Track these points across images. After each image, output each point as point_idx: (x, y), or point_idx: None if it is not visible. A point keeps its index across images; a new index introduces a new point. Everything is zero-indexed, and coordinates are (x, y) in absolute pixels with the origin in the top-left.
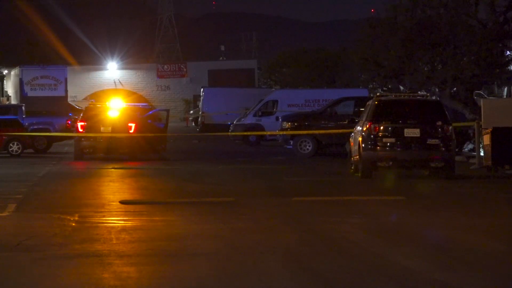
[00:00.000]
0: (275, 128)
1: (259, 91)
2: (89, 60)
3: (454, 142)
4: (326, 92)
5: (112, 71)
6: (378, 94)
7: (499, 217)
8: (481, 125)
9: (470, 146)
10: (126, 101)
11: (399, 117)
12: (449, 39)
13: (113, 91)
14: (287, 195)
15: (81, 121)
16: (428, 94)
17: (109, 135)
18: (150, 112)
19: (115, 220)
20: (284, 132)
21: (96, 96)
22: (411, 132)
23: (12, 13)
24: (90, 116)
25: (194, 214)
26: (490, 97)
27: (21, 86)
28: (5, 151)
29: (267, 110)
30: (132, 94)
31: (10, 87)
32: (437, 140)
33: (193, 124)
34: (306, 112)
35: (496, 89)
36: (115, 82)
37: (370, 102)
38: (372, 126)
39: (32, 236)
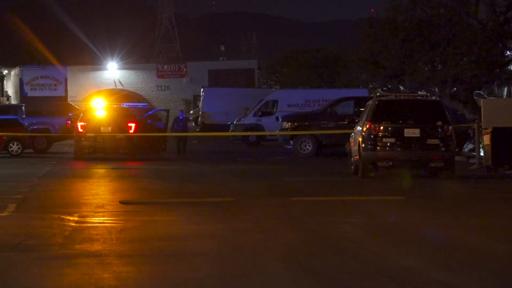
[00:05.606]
0: (275, 128)
1: (259, 91)
2: (89, 60)
3: (454, 142)
4: (326, 92)
5: (112, 71)
6: (378, 94)
7: (499, 217)
8: (481, 125)
9: (470, 146)
10: (125, 102)
11: (399, 117)
12: (449, 39)
13: (113, 91)
14: (287, 195)
15: (81, 121)
16: (428, 94)
17: (109, 135)
18: (150, 112)
19: (115, 220)
20: (284, 132)
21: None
22: (411, 132)
23: (12, 13)
24: (90, 116)
25: (194, 214)
26: (490, 97)
27: (21, 86)
28: (5, 151)
29: (267, 110)
30: (128, 94)
31: (10, 87)
32: (437, 140)
33: (193, 124)
34: (306, 112)
35: (496, 89)
36: (115, 82)
37: (370, 102)
38: (372, 126)
39: (32, 236)
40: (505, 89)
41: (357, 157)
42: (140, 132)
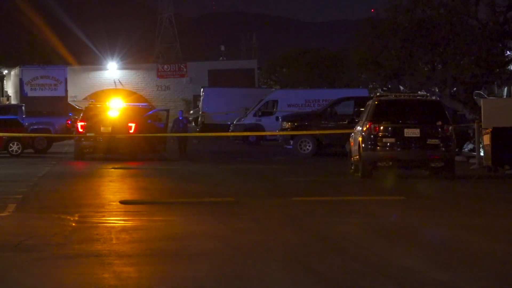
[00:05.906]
0: (275, 128)
1: (259, 91)
2: (89, 60)
3: (454, 142)
4: (326, 92)
5: (112, 71)
6: (378, 94)
7: (499, 217)
8: (481, 125)
9: (470, 146)
10: (126, 101)
11: (399, 117)
12: (449, 39)
13: (113, 91)
14: (287, 195)
15: (81, 121)
16: (428, 94)
17: (109, 135)
18: (150, 112)
19: (115, 220)
20: (284, 132)
21: (96, 96)
22: (411, 132)
23: (12, 13)
24: (90, 116)
25: (194, 214)
26: (490, 97)
27: (21, 86)
28: (5, 151)
29: (267, 110)
30: (132, 94)
31: (10, 87)
32: (437, 140)
33: (193, 124)
34: (306, 112)
35: (496, 89)
36: (115, 82)
37: (370, 102)
38: (372, 126)
39: (32, 236)
40: (505, 89)
41: (357, 157)
42: (140, 132)
